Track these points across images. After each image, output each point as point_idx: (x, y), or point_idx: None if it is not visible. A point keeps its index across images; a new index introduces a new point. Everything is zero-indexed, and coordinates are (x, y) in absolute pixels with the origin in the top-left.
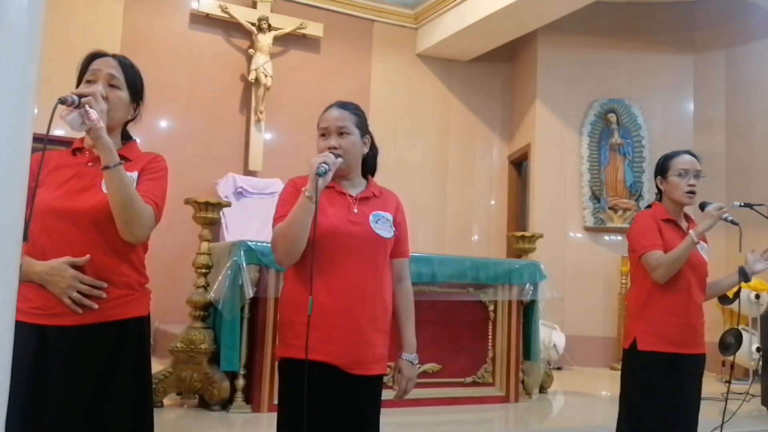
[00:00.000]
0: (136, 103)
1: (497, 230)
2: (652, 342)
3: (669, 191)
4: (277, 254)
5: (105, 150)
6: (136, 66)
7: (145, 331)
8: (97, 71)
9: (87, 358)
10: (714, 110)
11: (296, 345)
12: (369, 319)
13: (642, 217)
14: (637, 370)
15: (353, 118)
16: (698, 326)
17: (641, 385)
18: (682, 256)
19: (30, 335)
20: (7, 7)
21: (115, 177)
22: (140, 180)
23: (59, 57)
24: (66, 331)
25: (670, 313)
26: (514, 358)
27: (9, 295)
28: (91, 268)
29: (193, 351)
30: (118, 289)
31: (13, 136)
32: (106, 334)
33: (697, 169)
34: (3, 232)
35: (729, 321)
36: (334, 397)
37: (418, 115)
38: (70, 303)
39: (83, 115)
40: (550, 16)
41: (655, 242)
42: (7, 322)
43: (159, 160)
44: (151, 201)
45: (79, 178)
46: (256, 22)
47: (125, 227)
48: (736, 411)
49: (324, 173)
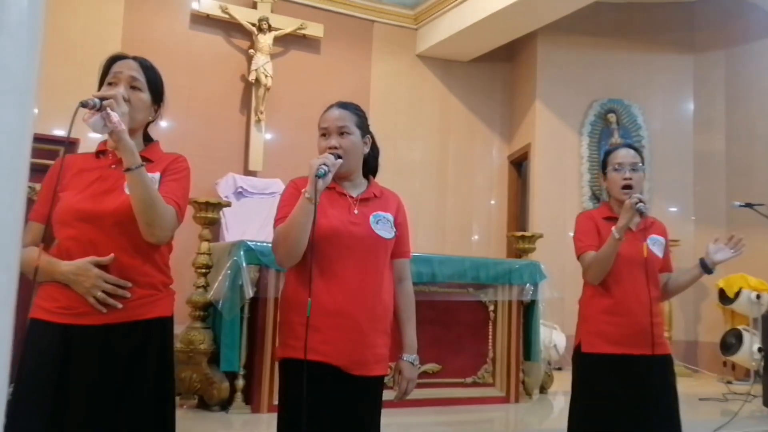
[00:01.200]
0: (157, 104)
1: (497, 230)
2: (593, 343)
3: (609, 188)
4: (278, 255)
5: (127, 152)
6: (156, 67)
7: (168, 331)
8: (118, 74)
9: (111, 357)
10: (714, 110)
11: (296, 345)
12: (369, 320)
13: (580, 218)
14: (581, 372)
15: (354, 118)
16: (647, 325)
17: (584, 388)
18: (608, 256)
19: (55, 334)
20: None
21: (136, 179)
22: (162, 181)
23: (59, 57)
24: (91, 330)
25: (611, 312)
26: (515, 358)
27: (9, 295)
28: (115, 268)
29: (193, 351)
30: (142, 289)
31: (13, 136)
32: (129, 333)
33: (633, 162)
34: (3, 232)
35: (730, 321)
36: (335, 398)
37: (418, 115)
38: (94, 302)
39: (105, 118)
40: (550, 16)
41: (589, 243)
42: (7, 322)
43: (181, 161)
44: (173, 202)
45: (103, 181)
46: (256, 22)
47: (147, 228)
48: (737, 411)
49: (323, 175)
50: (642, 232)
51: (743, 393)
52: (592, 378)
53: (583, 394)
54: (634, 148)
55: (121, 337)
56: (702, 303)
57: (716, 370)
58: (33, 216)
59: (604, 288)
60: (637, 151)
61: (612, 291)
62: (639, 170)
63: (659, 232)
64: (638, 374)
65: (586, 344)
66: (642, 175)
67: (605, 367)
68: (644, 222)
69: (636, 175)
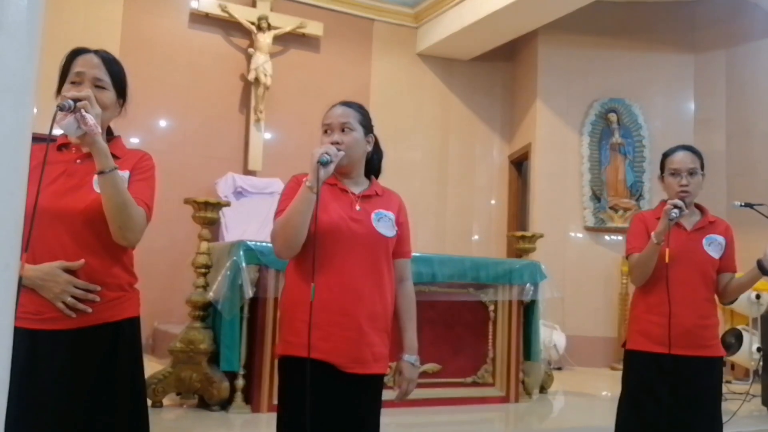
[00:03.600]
0: (122, 98)
1: (497, 230)
2: (638, 341)
3: (666, 190)
4: (276, 246)
5: (100, 155)
6: (118, 60)
7: (137, 331)
8: (81, 74)
9: (82, 361)
10: (714, 110)
11: (295, 342)
12: (368, 318)
13: (634, 218)
14: (626, 368)
15: (357, 116)
16: (693, 326)
17: (628, 384)
18: (647, 260)
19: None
20: (7, 7)
21: (110, 182)
22: (131, 181)
23: (59, 57)
24: (59, 335)
25: (655, 312)
26: (515, 358)
27: (8, 295)
28: (83, 271)
29: (193, 351)
30: (110, 291)
31: (12, 136)
32: (100, 336)
33: (691, 167)
34: (2, 232)
35: (729, 321)
36: (334, 396)
37: (419, 114)
38: (63, 308)
39: (79, 120)
40: (550, 16)
41: (636, 245)
42: (7, 322)
43: (147, 159)
44: (143, 203)
45: (69, 176)
46: (255, 21)
47: (119, 231)
48: (736, 411)
49: (326, 163)
50: (698, 232)
51: (742, 392)
52: (636, 374)
53: (629, 390)
54: (692, 150)
55: (90, 340)
56: None
57: None
58: None
59: (650, 288)
60: (696, 153)
61: (655, 291)
62: (696, 174)
63: (719, 232)
64: (681, 374)
65: (631, 341)
66: (700, 179)
67: (648, 365)
68: (703, 221)
69: (693, 180)
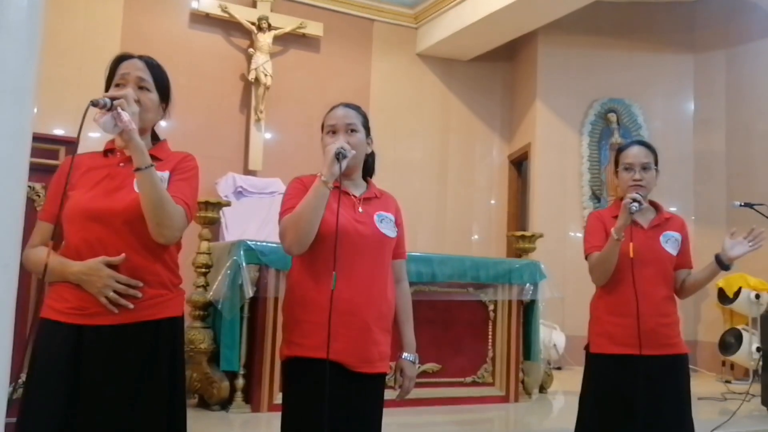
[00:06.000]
0: (165, 102)
1: (497, 230)
2: (601, 344)
3: (619, 185)
4: (286, 241)
5: (137, 152)
6: (162, 66)
7: (179, 331)
8: (125, 75)
9: (123, 357)
10: (714, 110)
11: (306, 344)
12: (375, 318)
13: (590, 217)
14: (589, 372)
15: (359, 118)
16: (656, 325)
17: (591, 388)
18: (608, 257)
19: (68, 335)
20: (7, 7)
21: (147, 179)
22: (171, 180)
23: (59, 57)
24: (102, 330)
25: (618, 313)
26: (514, 358)
27: (8, 294)
28: (125, 267)
29: (193, 351)
30: (152, 288)
31: (12, 136)
32: (141, 333)
33: (644, 161)
34: (2, 232)
35: (729, 321)
36: (340, 396)
37: (418, 114)
38: (106, 302)
39: (115, 118)
40: (550, 16)
41: (595, 244)
42: (6, 322)
43: (189, 160)
44: (182, 202)
45: (111, 179)
46: (255, 21)
47: (156, 228)
48: (736, 411)
49: (344, 156)
50: (654, 229)
51: (742, 392)
52: (599, 378)
53: (591, 394)
54: (646, 145)
55: (132, 337)
56: (701, 303)
57: (715, 369)
58: (42, 216)
59: (610, 288)
60: (650, 148)
61: (617, 291)
62: (650, 169)
63: (675, 228)
64: (646, 375)
65: (594, 345)
66: (654, 174)
67: (612, 367)
68: (659, 218)
69: (647, 175)
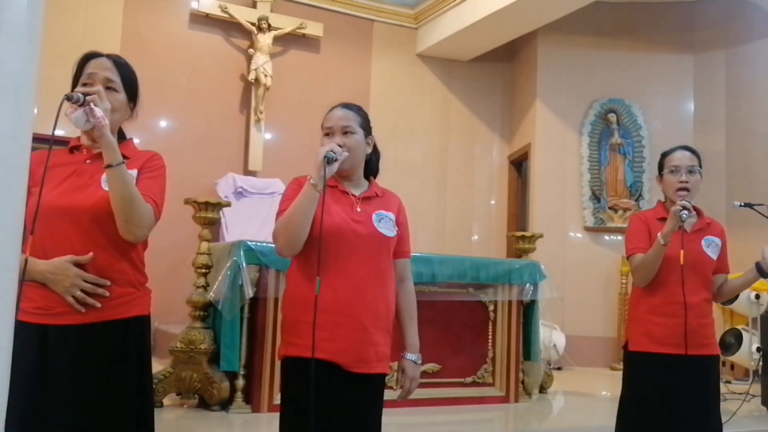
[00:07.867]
0: (133, 102)
1: (497, 230)
2: (640, 342)
3: (665, 189)
4: (278, 244)
5: (108, 148)
6: (130, 64)
7: (146, 330)
8: (93, 74)
9: (89, 357)
10: (714, 110)
11: (300, 344)
12: (372, 318)
13: (633, 218)
14: (629, 370)
15: (357, 119)
16: (695, 326)
17: (632, 386)
18: (654, 260)
19: (32, 335)
20: (7, 7)
21: (117, 176)
22: (139, 178)
23: (59, 57)
24: (68, 330)
25: (659, 313)
26: (514, 358)
27: (9, 294)
28: (92, 266)
29: (193, 351)
30: (120, 287)
31: (12, 136)
32: (108, 333)
33: (690, 165)
34: (2, 232)
35: (729, 321)
36: (337, 396)
37: (418, 115)
38: (73, 302)
39: (88, 113)
40: (550, 16)
41: (639, 245)
42: (6, 322)
43: (157, 158)
44: (151, 200)
45: (78, 176)
46: (255, 21)
47: (125, 226)
48: (736, 411)
49: (332, 159)
50: (697, 233)
51: (742, 392)
52: (640, 376)
53: (631, 392)
54: (690, 149)
55: (99, 336)
56: None
57: None
58: None
59: (654, 289)
60: (694, 153)
61: (662, 292)
62: (695, 172)
63: (715, 233)
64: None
65: (634, 343)
66: (699, 178)
67: (652, 366)
68: (700, 223)
69: (692, 178)
